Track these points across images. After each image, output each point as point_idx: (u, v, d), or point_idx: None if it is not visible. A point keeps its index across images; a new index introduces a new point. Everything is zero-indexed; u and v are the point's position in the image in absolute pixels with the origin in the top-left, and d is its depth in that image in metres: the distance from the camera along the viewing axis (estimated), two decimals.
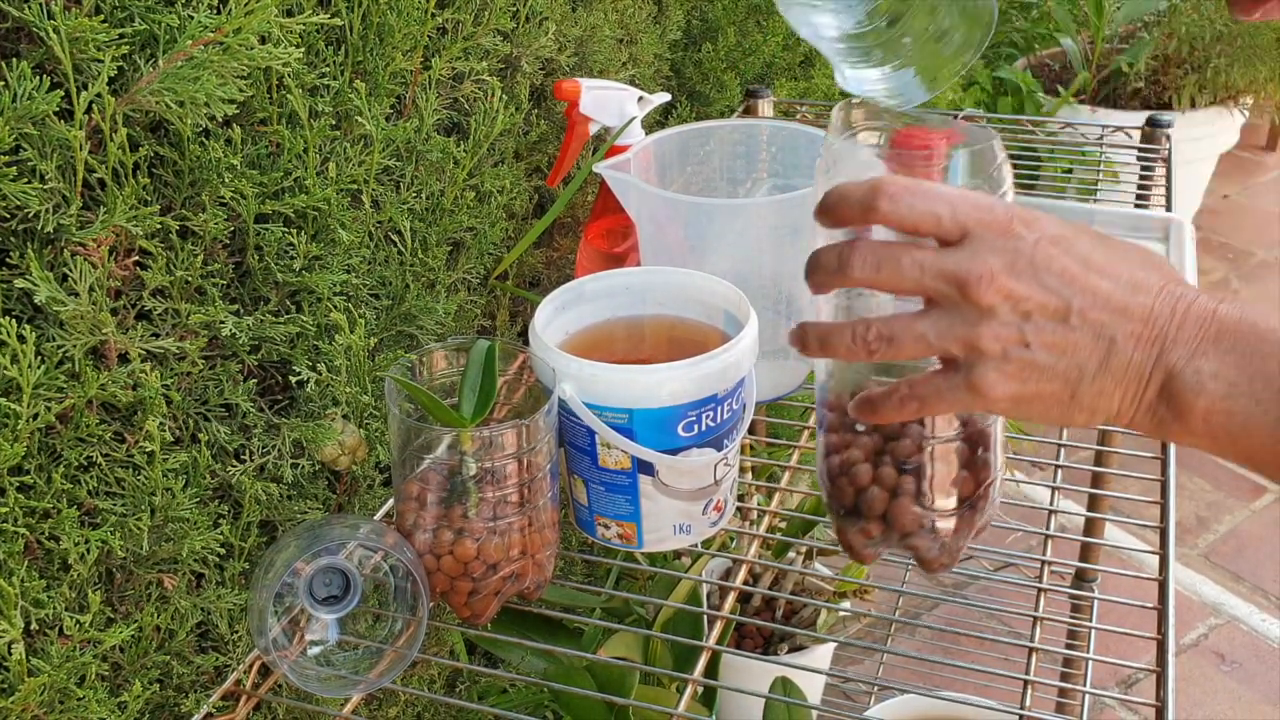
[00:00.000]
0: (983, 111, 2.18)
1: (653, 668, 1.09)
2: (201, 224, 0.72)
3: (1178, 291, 0.51)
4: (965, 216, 0.51)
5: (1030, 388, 0.51)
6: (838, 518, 0.63)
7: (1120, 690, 1.69)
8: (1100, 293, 0.50)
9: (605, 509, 0.76)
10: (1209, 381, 0.49)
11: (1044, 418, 0.53)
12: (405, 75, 0.91)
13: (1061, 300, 0.50)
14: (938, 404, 0.53)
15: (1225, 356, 0.49)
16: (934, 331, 0.52)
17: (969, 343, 0.51)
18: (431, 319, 0.96)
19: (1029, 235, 0.51)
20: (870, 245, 0.52)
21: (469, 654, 1.23)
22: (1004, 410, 0.54)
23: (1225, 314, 0.50)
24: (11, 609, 0.62)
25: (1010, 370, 0.51)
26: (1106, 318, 0.50)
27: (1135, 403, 0.51)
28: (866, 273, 0.52)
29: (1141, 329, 0.50)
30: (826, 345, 0.55)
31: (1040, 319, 0.50)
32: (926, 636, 1.73)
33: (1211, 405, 0.49)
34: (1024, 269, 0.50)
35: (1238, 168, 3.59)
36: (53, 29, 0.59)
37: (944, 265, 0.51)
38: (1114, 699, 1.77)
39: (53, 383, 0.64)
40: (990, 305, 0.50)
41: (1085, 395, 0.51)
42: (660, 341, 0.82)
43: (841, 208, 0.53)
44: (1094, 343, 0.50)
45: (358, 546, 0.69)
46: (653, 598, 1.20)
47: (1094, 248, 0.51)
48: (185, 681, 0.79)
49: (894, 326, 0.52)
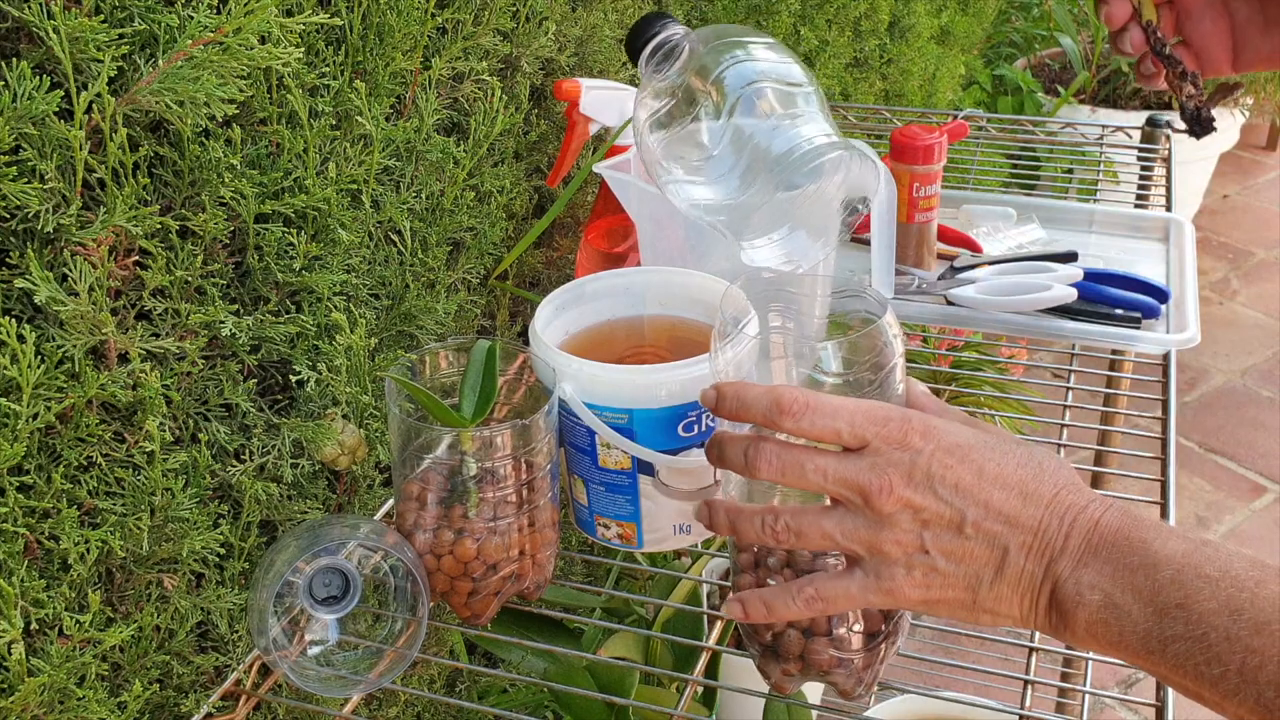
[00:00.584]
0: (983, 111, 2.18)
1: (653, 668, 1.09)
2: (201, 224, 0.72)
3: (1067, 500, 0.53)
4: (863, 430, 0.54)
5: (935, 593, 0.54)
6: (758, 655, 0.65)
7: (1120, 690, 1.70)
8: (993, 504, 0.53)
9: (605, 509, 0.76)
10: (1087, 592, 0.51)
11: (953, 617, 0.56)
12: (405, 75, 0.91)
13: (956, 511, 0.53)
14: (844, 604, 0.56)
15: (1103, 568, 0.51)
16: (839, 532, 0.55)
17: (873, 547, 0.54)
18: (431, 319, 0.96)
19: (925, 447, 0.53)
20: (775, 449, 0.55)
21: (469, 654, 1.23)
22: (917, 610, 0.57)
23: (1106, 524, 0.52)
24: (11, 609, 0.62)
25: (916, 576, 0.54)
26: (1000, 528, 0.53)
27: (1033, 609, 0.53)
28: (772, 475, 0.56)
29: (1032, 540, 0.52)
30: (735, 529, 0.58)
31: (937, 528, 0.53)
32: (926, 636, 1.73)
33: (1090, 616, 0.51)
34: (920, 480, 0.53)
35: (1238, 168, 3.59)
36: (53, 29, 0.59)
37: (845, 474, 0.54)
38: (1114, 699, 1.78)
39: (53, 383, 0.64)
40: (890, 514, 0.53)
41: (986, 600, 0.54)
42: (660, 341, 0.82)
43: (743, 415, 0.56)
44: (989, 552, 0.53)
45: (358, 546, 0.69)
46: (653, 598, 1.20)
47: (989, 456, 0.54)
48: (185, 681, 0.79)
49: (802, 522, 0.55)
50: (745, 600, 0.59)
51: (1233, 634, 0.47)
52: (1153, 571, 0.49)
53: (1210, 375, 2.65)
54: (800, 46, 1.75)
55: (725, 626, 1.13)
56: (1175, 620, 0.48)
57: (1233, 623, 0.47)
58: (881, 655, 0.64)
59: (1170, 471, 0.84)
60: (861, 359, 0.60)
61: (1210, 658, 0.47)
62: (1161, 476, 0.84)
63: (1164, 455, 0.86)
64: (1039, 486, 0.53)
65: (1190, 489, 2.28)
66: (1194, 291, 1.03)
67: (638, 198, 0.89)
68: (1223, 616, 0.47)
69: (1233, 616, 0.47)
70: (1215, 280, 3.02)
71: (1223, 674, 0.47)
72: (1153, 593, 0.49)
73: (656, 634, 0.81)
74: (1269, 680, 0.46)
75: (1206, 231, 3.22)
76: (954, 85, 2.60)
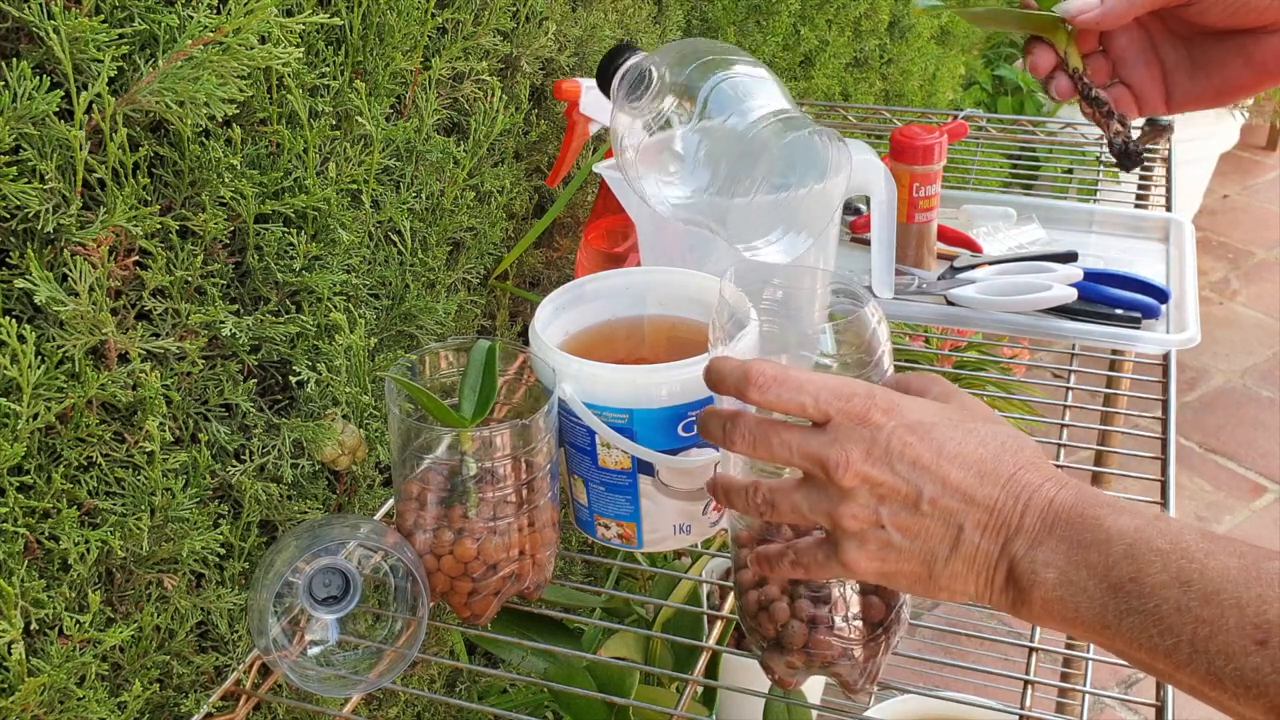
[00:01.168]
0: (982, 111, 2.18)
1: (653, 668, 1.09)
2: (201, 224, 0.72)
3: (1023, 479, 0.54)
4: (826, 405, 0.55)
5: (890, 566, 0.55)
6: (762, 650, 0.66)
7: (1120, 690, 1.70)
8: (950, 481, 0.54)
9: (605, 509, 0.76)
10: (1042, 570, 0.52)
11: (910, 591, 0.58)
12: (405, 75, 0.91)
13: (913, 487, 0.54)
14: (817, 572, 0.58)
15: (1057, 546, 0.52)
16: (805, 504, 0.56)
17: (833, 519, 0.55)
18: (431, 319, 0.96)
19: (887, 423, 0.54)
20: (748, 423, 0.58)
21: (469, 654, 1.23)
22: (873, 581, 0.58)
23: (1061, 502, 0.53)
24: (11, 609, 0.62)
25: (871, 549, 0.55)
26: (956, 505, 0.54)
27: (989, 586, 0.54)
28: (745, 448, 0.58)
29: (987, 518, 0.53)
30: (729, 500, 0.61)
31: (894, 504, 0.54)
32: (926, 636, 1.73)
33: (1047, 594, 0.52)
34: (879, 456, 0.54)
35: (1238, 168, 3.59)
36: (53, 29, 0.59)
37: (808, 447, 0.55)
38: (1114, 699, 1.78)
39: (53, 383, 0.64)
40: (849, 488, 0.54)
41: (941, 576, 0.55)
42: (660, 341, 0.82)
43: (720, 386, 0.58)
44: (944, 529, 0.54)
45: (358, 546, 0.69)
46: (653, 598, 1.20)
47: (949, 434, 0.55)
48: (185, 681, 0.79)
49: (775, 495, 0.58)
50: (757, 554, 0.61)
51: (1183, 605, 0.48)
52: (1105, 547, 0.50)
53: (1210, 375, 2.65)
54: (800, 46, 1.75)
55: (725, 626, 1.13)
56: (1128, 595, 0.49)
57: (1183, 594, 0.48)
58: (884, 646, 0.65)
59: (1170, 471, 0.84)
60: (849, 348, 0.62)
61: (1163, 629, 0.48)
62: (1161, 476, 0.84)
63: (1164, 455, 0.86)
64: (997, 465, 0.54)
65: (1190, 489, 2.28)
66: (1194, 291, 1.03)
67: (637, 198, 0.89)
68: (1173, 589, 0.48)
69: (1183, 588, 0.48)
70: (1215, 280, 3.02)
71: (1175, 644, 0.48)
72: (1106, 569, 0.50)
73: (656, 634, 0.81)
74: (1219, 649, 0.47)
75: (1206, 231, 3.22)
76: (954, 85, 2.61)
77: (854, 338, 0.62)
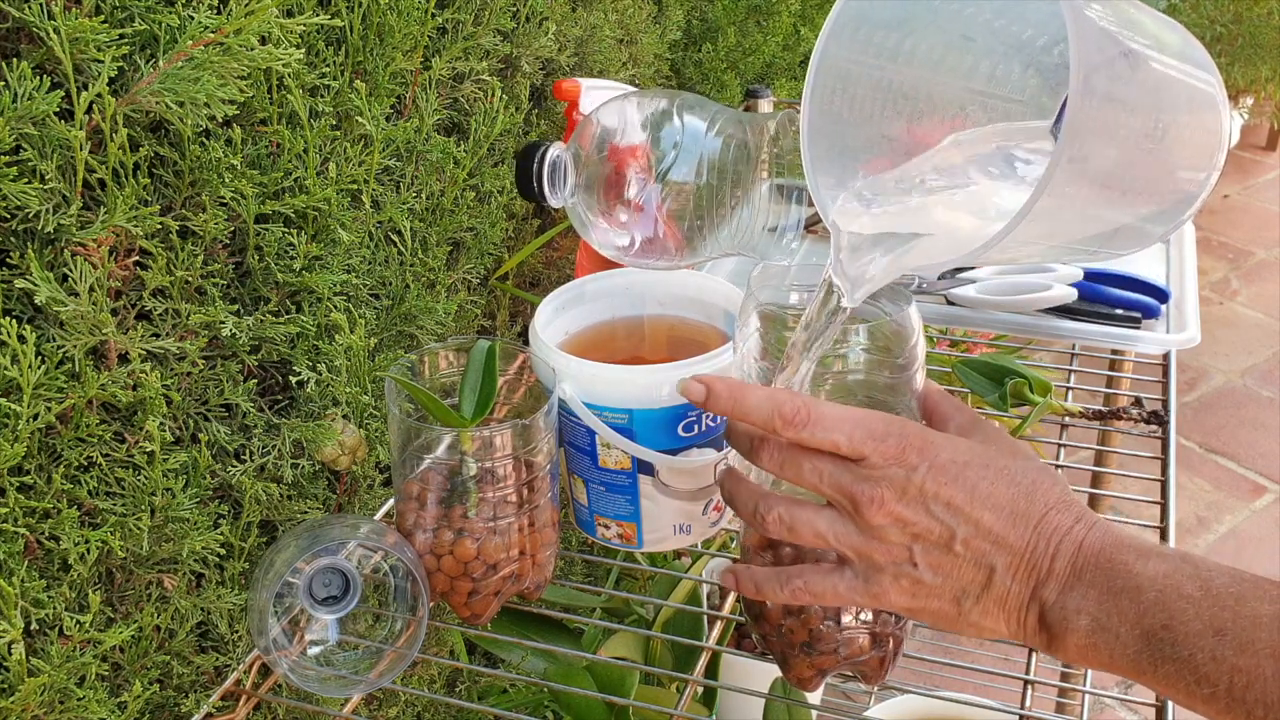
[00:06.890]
0: None
1: (653, 668, 1.09)
2: (201, 224, 0.72)
3: (1054, 521, 0.54)
4: (861, 445, 0.55)
5: (919, 602, 0.56)
6: (785, 658, 0.66)
7: (1120, 690, 1.69)
8: (983, 524, 0.54)
9: (605, 509, 0.76)
10: (1074, 617, 0.52)
11: (938, 626, 0.58)
12: (405, 75, 0.91)
13: (946, 529, 0.54)
14: (832, 599, 0.58)
15: (1087, 592, 0.52)
16: (831, 534, 0.56)
17: (863, 554, 0.56)
18: (431, 319, 0.96)
19: (920, 464, 0.54)
20: (778, 447, 0.57)
21: (469, 654, 1.23)
22: (901, 614, 0.59)
23: (1089, 545, 0.53)
24: (11, 609, 0.62)
25: (904, 584, 0.55)
26: (987, 547, 0.54)
27: (1020, 626, 0.54)
28: (772, 467, 0.57)
29: (1018, 562, 0.54)
30: (733, 500, 0.60)
31: (927, 543, 0.54)
32: (926, 636, 1.73)
33: (1080, 640, 0.52)
34: (914, 497, 0.54)
35: (1238, 168, 3.59)
36: (53, 29, 0.59)
37: (840, 481, 0.55)
38: (1114, 699, 1.77)
39: (53, 383, 0.64)
40: (879, 526, 0.54)
41: (972, 614, 0.55)
42: (660, 341, 0.82)
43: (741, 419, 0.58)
44: (975, 570, 0.54)
45: (358, 546, 0.69)
46: (653, 598, 1.20)
47: (982, 475, 0.55)
48: (185, 681, 0.79)
49: (795, 517, 0.57)
50: (738, 574, 0.61)
51: (1219, 654, 0.48)
52: (1136, 595, 0.51)
53: (1210, 375, 2.65)
54: (800, 46, 1.75)
55: (725, 627, 1.13)
56: (1162, 642, 0.49)
57: (1218, 643, 0.48)
58: (906, 633, 0.66)
59: (1170, 471, 0.84)
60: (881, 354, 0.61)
61: (1199, 678, 0.48)
62: (1161, 476, 0.84)
63: (1164, 455, 0.87)
64: (1029, 507, 0.54)
65: (1190, 489, 2.28)
66: (1194, 291, 1.03)
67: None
68: (1207, 638, 0.48)
69: (1218, 637, 0.48)
70: (1215, 280, 3.02)
71: (1212, 694, 0.48)
72: (1138, 616, 0.50)
73: (656, 634, 0.81)
74: (1257, 699, 0.47)
75: (1206, 231, 3.22)
76: None
77: (888, 340, 0.61)
